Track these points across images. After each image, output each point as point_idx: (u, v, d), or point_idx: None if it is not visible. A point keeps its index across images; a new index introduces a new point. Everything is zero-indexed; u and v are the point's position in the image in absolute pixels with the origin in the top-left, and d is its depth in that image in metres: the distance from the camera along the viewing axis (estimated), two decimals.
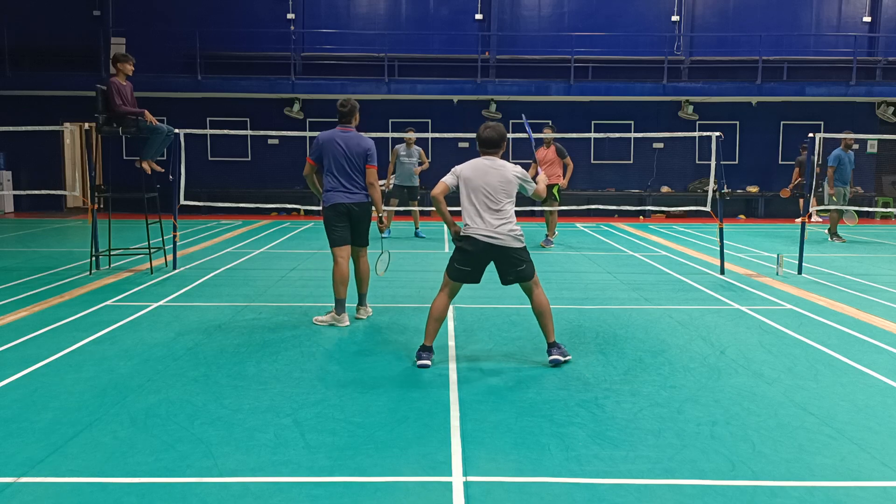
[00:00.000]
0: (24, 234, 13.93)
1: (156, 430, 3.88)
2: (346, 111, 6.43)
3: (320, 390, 4.58)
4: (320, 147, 6.43)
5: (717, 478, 3.37)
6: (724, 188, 9.21)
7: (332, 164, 6.38)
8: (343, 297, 6.39)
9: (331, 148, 6.37)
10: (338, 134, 6.40)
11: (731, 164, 19.25)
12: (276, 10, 19.54)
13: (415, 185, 13.22)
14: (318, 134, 6.57)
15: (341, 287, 6.37)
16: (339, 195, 6.38)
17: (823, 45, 19.96)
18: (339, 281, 6.37)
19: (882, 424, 4.06)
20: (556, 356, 5.15)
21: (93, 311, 6.80)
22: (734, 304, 7.43)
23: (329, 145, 6.38)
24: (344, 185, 6.38)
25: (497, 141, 5.20)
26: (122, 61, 8.76)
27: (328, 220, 6.46)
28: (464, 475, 3.38)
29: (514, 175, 5.15)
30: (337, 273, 6.38)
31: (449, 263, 5.23)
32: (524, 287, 5.20)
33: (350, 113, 6.43)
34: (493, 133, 5.19)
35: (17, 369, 4.95)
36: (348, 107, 6.43)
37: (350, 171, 6.37)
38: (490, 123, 5.28)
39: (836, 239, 13.40)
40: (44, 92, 18.64)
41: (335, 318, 6.38)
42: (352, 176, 6.38)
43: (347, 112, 6.43)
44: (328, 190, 6.44)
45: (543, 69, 19.42)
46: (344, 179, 6.37)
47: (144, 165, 9.05)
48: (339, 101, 6.48)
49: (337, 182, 6.39)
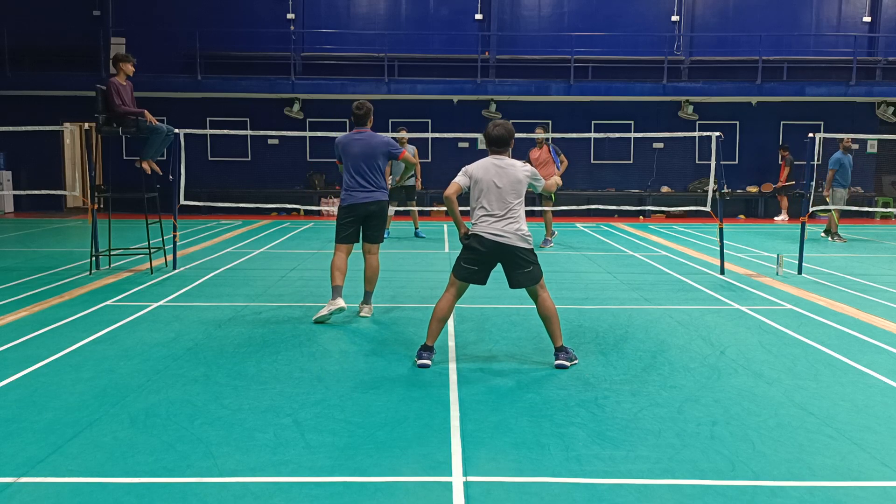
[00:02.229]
0: (24, 234, 13.93)
1: (156, 431, 3.88)
2: (361, 114, 6.67)
3: (320, 390, 4.58)
4: (339, 148, 6.67)
5: (717, 478, 3.37)
6: (724, 188, 9.21)
7: (350, 165, 6.59)
8: (338, 283, 6.52)
9: (349, 149, 6.59)
10: (354, 136, 6.63)
11: (731, 164, 19.25)
12: (276, 10, 19.53)
13: (412, 185, 13.18)
14: (335, 137, 6.79)
15: (336, 273, 6.55)
16: (356, 195, 6.58)
17: (823, 45, 19.95)
18: (335, 267, 6.57)
19: (882, 424, 4.06)
20: (562, 361, 5.13)
21: (93, 311, 6.81)
22: (734, 304, 7.44)
23: (347, 147, 6.60)
24: (361, 185, 6.58)
25: (507, 139, 5.18)
26: (123, 61, 8.76)
27: (340, 218, 6.68)
28: (464, 475, 3.38)
29: (525, 175, 5.15)
30: (333, 262, 6.60)
31: (456, 263, 5.23)
32: (530, 291, 5.19)
33: (365, 115, 6.68)
34: (503, 131, 5.16)
35: (17, 369, 4.95)
36: (363, 109, 6.66)
37: (368, 171, 6.58)
38: (498, 121, 5.25)
39: (836, 238, 13.41)
40: (44, 92, 18.63)
41: (330, 303, 6.46)
42: (371, 175, 6.59)
43: (363, 115, 6.67)
44: (346, 189, 6.64)
45: (543, 69, 19.42)
46: (362, 179, 6.58)
47: (144, 165, 9.04)
48: (355, 104, 6.67)
49: (354, 182, 6.58)
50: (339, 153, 6.67)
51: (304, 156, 19.79)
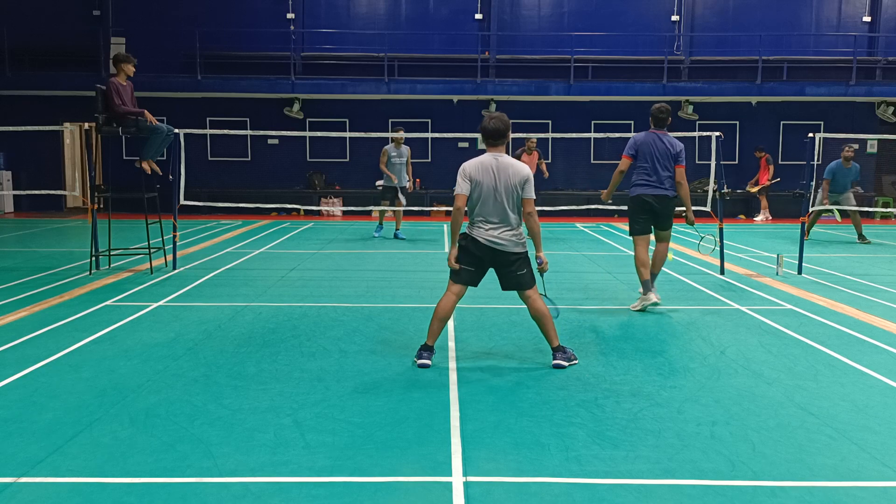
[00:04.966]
0: (24, 234, 13.93)
1: (156, 430, 3.88)
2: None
3: (320, 390, 4.58)
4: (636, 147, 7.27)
5: (717, 478, 3.37)
6: (724, 188, 9.21)
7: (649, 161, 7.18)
8: (646, 277, 7.06)
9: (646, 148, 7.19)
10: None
11: (730, 164, 19.25)
12: (276, 10, 19.53)
13: (404, 185, 13.12)
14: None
15: (642, 268, 7.11)
16: (643, 188, 7.17)
17: (823, 45, 19.96)
18: (641, 263, 7.15)
19: (882, 424, 4.06)
20: (560, 360, 5.13)
21: (93, 311, 6.80)
22: (734, 304, 7.44)
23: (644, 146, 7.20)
24: (651, 181, 7.17)
25: (503, 131, 5.09)
26: (124, 62, 8.75)
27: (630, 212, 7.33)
28: (464, 475, 3.38)
29: (523, 177, 5.04)
30: (637, 257, 7.17)
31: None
32: (521, 295, 5.19)
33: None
34: (500, 123, 5.08)
35: (17, 369, 4.95)
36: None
37: (664, 168, 7.15)
38: (494, 114, 5.18)
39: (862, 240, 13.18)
40: (44, 92, 18.63)
41: (643, 298, 7.08)
42: (667, 172, 7.15)
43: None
44: (634, 185, 7.24)
45: (543, 69, 19.42)
46: (658, 172, 7.18)
47: (144, 165, 9.04)
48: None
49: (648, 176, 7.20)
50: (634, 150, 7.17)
51: (304, 156, 19.78)
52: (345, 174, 19.73)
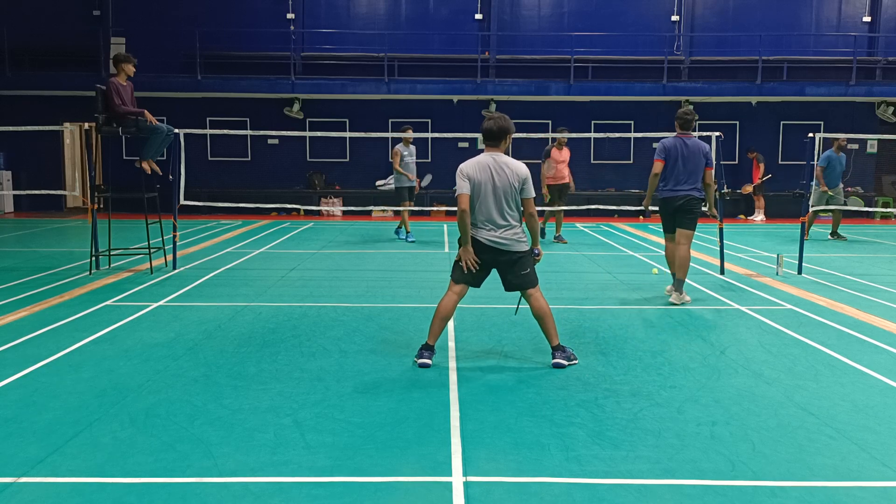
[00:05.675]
0: (24, 234, 13.93)
1: (156, 430, 3.88)
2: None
3: (320, 390, 4.58)
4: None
5: (717, 478, 3.37)
6: (724, 188, 9.21)
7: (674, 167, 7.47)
8: (676, 275, 7.44)
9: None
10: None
11: (731, 164, 19.24)
12: (276, 10, 19.53)
13: (413, 184, 13.14)
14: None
15: (670, 266, 7.59)
16: (669, 190, 7.42)
17: (823, 45, 19.95)
18: (670, 260, 7.61)
19: (882, 424, 4.06)
20: (559, 360, 5.13)
21: (93, 311, 6.80)
22: (734, 304, 7.44)
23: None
24: (678, 181, 7.42)
25: (503, 132, 5.09)
26: (124, 62, 8.75)
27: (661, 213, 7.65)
28: (464, 475, 3.38)
29: (521, 178, 5.04)
30: (672, 252, 7.55)
31: (454, 266, 5.23)
32: (523, 294, 5.20)
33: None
34: (499, 124, 5.09)
35: (17, 369, 4.95)
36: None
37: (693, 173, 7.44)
38: (493, 114, 5.19)
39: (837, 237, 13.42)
40: (44, 92, 18.63)
41: (677, 297, 7.41)
42: (692, 173, 7.40)
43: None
44: (661, 189, 7.50)
45: (543, 69, 19.41)
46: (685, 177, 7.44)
47: (144, 165, 9.04)
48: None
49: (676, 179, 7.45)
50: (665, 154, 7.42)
51: (304, 156, 19.78)
52: (345, 174, 19.73)
